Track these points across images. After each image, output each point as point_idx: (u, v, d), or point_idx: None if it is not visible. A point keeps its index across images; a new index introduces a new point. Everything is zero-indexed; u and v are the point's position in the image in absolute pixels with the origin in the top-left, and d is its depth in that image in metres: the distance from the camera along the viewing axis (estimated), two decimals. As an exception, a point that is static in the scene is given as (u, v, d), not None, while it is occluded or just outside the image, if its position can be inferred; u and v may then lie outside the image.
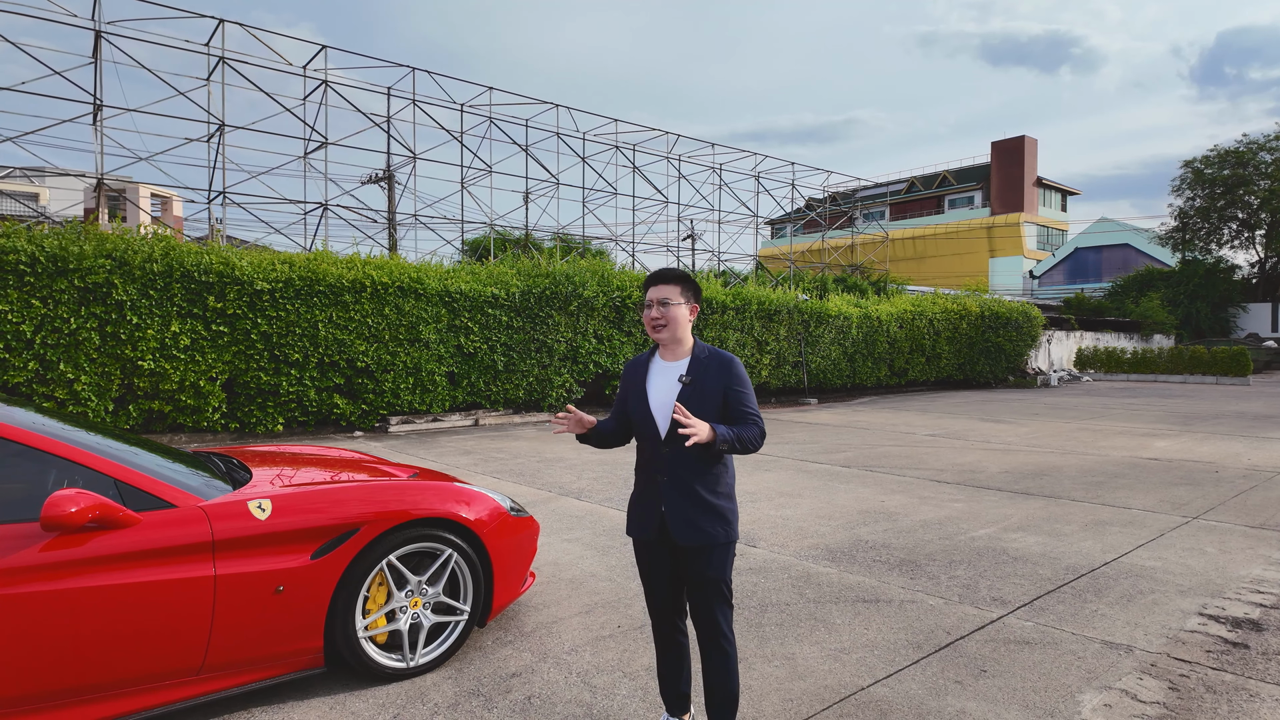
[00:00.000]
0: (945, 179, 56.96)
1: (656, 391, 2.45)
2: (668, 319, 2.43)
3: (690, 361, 2.45)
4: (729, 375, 2.41)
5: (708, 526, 2.37)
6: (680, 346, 2.48)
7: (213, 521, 2.62)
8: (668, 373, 2.47)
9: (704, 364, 2.43)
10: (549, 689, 3.00)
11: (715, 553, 2.39)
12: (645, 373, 2.51)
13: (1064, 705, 2.87)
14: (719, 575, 2.40)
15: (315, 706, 2.83)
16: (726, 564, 2.42)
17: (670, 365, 2.48)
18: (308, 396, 10.34)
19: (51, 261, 8.44)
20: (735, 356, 2.47)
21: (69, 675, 2.36)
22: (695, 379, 2.41)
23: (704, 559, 2.38)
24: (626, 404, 2.54)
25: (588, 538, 5.30)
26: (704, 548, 2.37)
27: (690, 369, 2.43)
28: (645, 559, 2.50)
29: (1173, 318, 34.61)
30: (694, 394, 2.39)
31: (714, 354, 2.46)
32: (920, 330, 19.90)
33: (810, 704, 2.89)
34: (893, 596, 4.11)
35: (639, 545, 2.52)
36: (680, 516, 2.37)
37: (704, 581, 2.39)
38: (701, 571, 2.38)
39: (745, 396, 2.42)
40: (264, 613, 2.68)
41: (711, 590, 2.39)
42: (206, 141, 19.22)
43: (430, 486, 3.28)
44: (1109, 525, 5.69)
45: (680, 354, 2.48)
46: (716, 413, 2.39)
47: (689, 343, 2.50)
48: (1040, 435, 11.09)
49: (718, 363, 2.43)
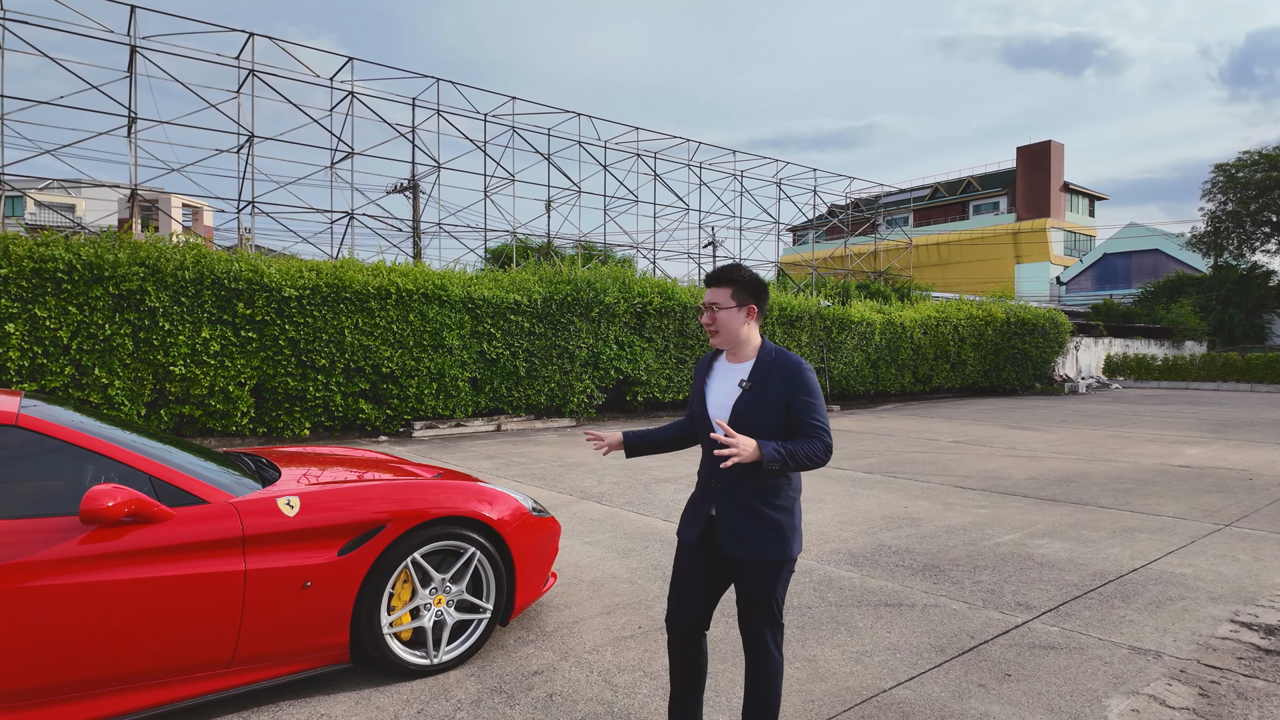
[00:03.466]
0: (970, 184, 56.42)
1: (715, 394, 2.36)
2: (718, 324, 2.32)
3: (754, 365, 2.32)
4: (794, 383, 2.25)
5: (757, 539, 2.22)
6: (744, 349, 2.35)
7: (243, 517, 2.68)
8: (729, 375, 2.36)
9: (768, 368, 2.29)
10: (570, 687, 3.02)
11: (764, 569, 2.24)
12: (708, 373, 2.43)
13: (1090, 710, 2.83)
14: (767, 591, 2.25)
15: (341, 701, 2.88)
16: (777, 582, 2.26)
17: (733, 368, 2.37)
18: (334, 401, 10.50)
19: (88, 269, 8.67)
20: (805, 362, 2.29)
21: (106, 665, 2.43)
22: (756, 384, 2.28)
23: (752, 573, 2.25)
24: (692, 405, 2.46)
25: (609, 540, 5.33)
26: (752, 562, 2.24)
27: (752, 373, 2.30)
28: (683, 564, 2.38)
29: (1205, 324, 33.87)
30: (753, 400, 2.26)
31: (781, 358, 2.30)
32: (945, 336, 19.71)
33: (832, 705, 2.88)
34: (915, 601, 4.08)
35: (681, 549, 2.42)
36: (729, 525, 2.25)
37: (751, 596, 2.26)
38: (748, 585, 2.26)
39: (811, 407, 2.24)
40: (292, 607, 2.74)
41: (760, 607, 2.26)
42: (236, 152, 19.65)
43: (454, 485, 3.32)
44: (1138, 532, 5.59)
45: (744, 356, 2.35)
46: (777, 422, 2.25)
47: (754, 344, 2.35)
48: (1068, 442, 10.92)
49: (783, 368, 2.28)
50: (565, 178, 25.15)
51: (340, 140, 20.87)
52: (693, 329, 14.65)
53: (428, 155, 22.54)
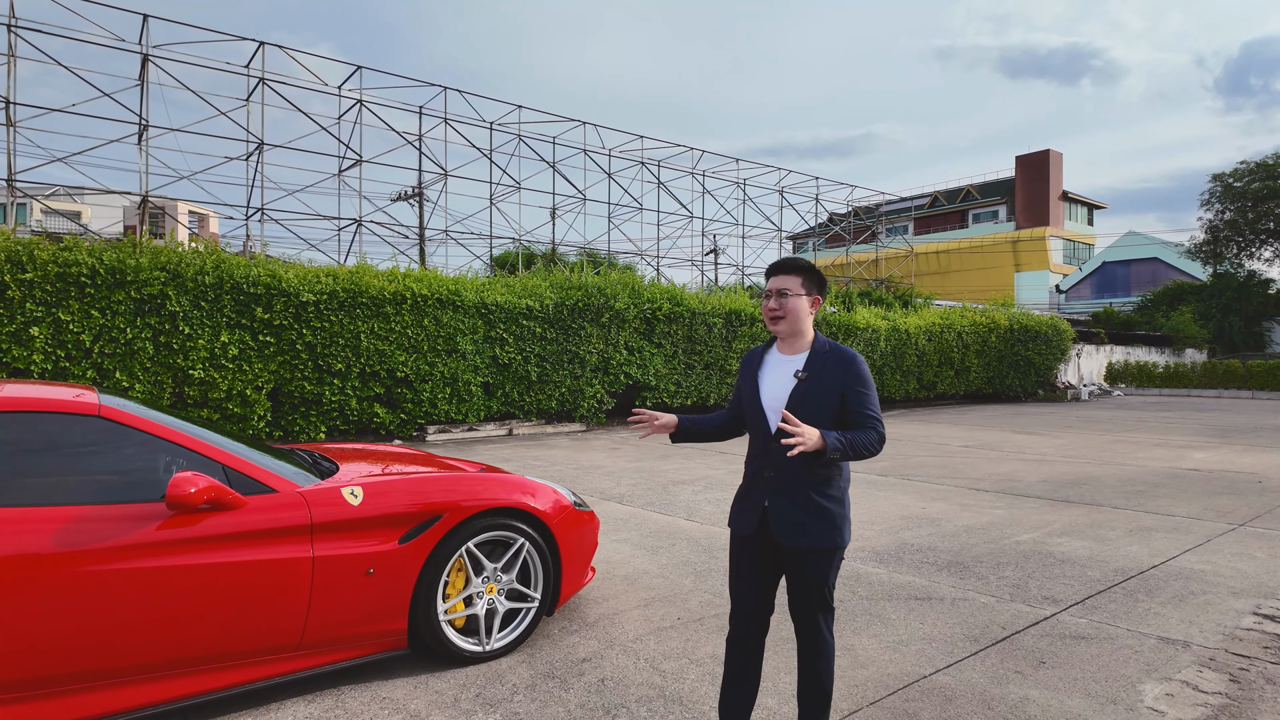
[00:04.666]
0: (969, 193, 56.75)
1: (769, 385, 2.36)
2: (785, 310, 2.34)
3: (809, 356, 2.34)
4: (850, 373, 2.28)
5: (811, 528, 2.25)
6: (799, 340, 2.38)
7: (311, 506, 2.78)
8: (783, 366, 2.37)
9: (823, 360, 2.31)
10: (620, 673, 3.11)
11: (818, 557, 2.28)
12: (759, 365, 2.43)
13: (1126, 694, 2.93)
14: (821, 580, 2.29)
15: (400, 685, 2.97)
16: (830, 570, 2.30)
17: (787, 359, 2.38)
18: (349, 405, 10.59)
19: (110, 274, 8.78)
20: (858, 354, 2.30)
21: (187, 646, 2.52)
22: (811, 375, 2.29)
23: (806, 562, 2.28)
24: (740, 396, 2.47)
25: (635, 538, 5.42)
26: (807, 550, 2.27)
27: (808, 364, 2.32)
28: (739, 554, 2.40)
29: (1205, 332, 34.09)
30: (809, 391, 2.28)
31: (834, 350, 2.33)
32: (949, 343, 19.84)
33: (875, 690, 2.97)
34: (944, 595, 4.17)
35: (735, 540, 2.43)
36: (783, 515, 2.27)
37: (805, 585, 2.30)
38: (802, 574, 2.30)
39: (866, 398, 2.28)
40: (356, 593, 2.83)
41: (813, 595, 2.30)
42: (245, 160, 19.79)
43: (502, 478, 3.42)
44: (1153, 531, 5.69)
45: (799, 348, 2.38)
46: (832, 413, 2.28)
47: (809, 336, 2.38)
48: (1075, 447, 11.03)
49: (838, 359, 2.30)
50: (570, 185, 25.31)
51: (348, 148, 21.03)
52: (701, 335, 14.77)
53: (435, 163, 22.71)
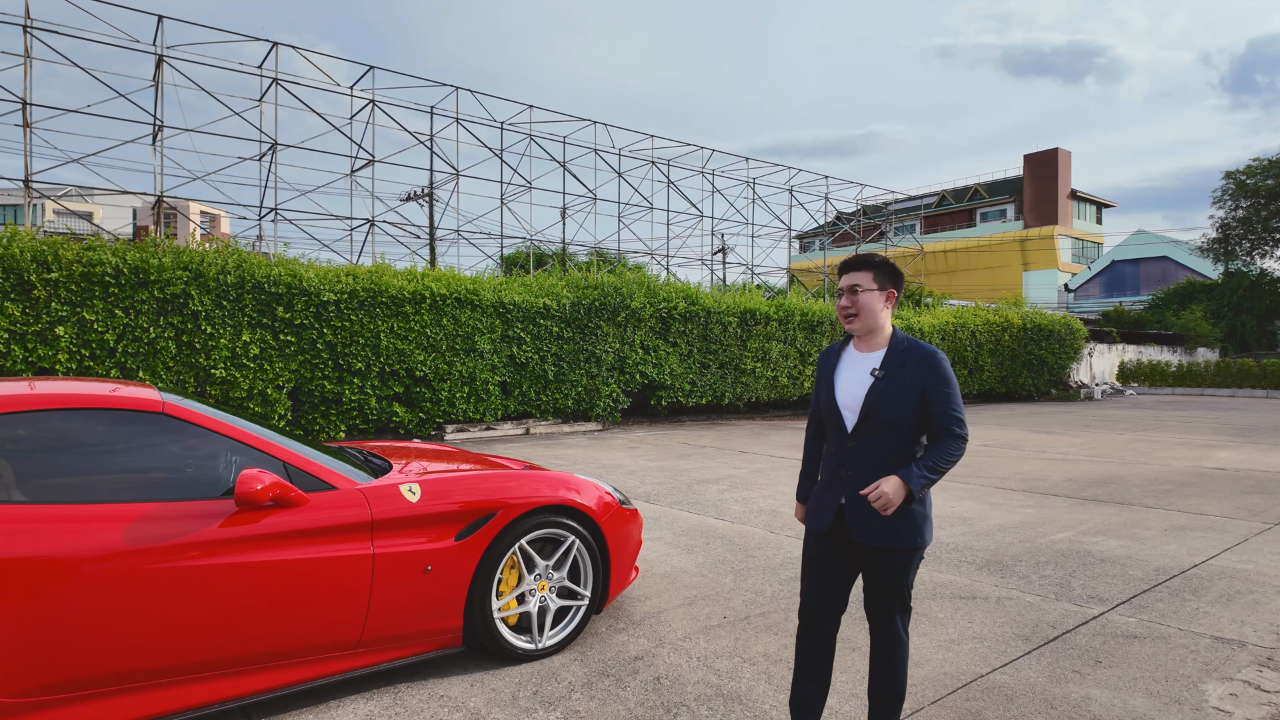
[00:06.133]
0: (977, 192, 56.56)
1: (845, 383, 2.31)
2: (858, 307, 2.28)
3: (886, 354, 2.27)
4: (931, 372, 2.21)
5: (892, 528, 2.20)
6: (876, 336, 2.31)
7: (371, 503, 2.77)
8: (860, 364, 2.31)
9: (901, 357, 2.25)
10: (674, 671, 3.10)
11: (898, 556, 2.23)
12: (836, 362, 2.39)
13: (1189, 694, 2.90)
14: (900, 579, 2.25)
15: (456, 684, 2.96)
16: (910, 569, 2.26)
17: (864, 356, 2.32)
18: (369, 405, 10.60)
19: (134, 273, 8.80)
20: (940, 351, 2.26)
21: (250, 644, 2.52)
22: (889, 373, 2.23)
23: (885, 561, 2.24)
24: (817, 396, 2.44)
25: (669, 537, 5.40)
26: (886, 550, 2.23)
27: (885, 362, 2.26)
28: (814, 551, 2.37)
29: (1217, 330, 33.90)
30: (887, 390, 2.22)
31: (914, 346, 2.27)
32: (962, 342, 19.78)
33: (934, 689, 2.95)
34: (988, 594, 4.15)
35: (810, 537, 2.39)
36: (861, 513, 2.23)
37: (884, 584, 2.26)
38: (883, 573, 2.25)
39: (950, 398, 2.20)
40: (414, 591, 2.83)
41: (893, 594, 2.26)
42: (259, 160, 19.84)
43: (549, 476, 3.41)
44: (1189, 530, 5.66)
45: (876, 345, 2.31)
46: (911, 413, 2.22)
47: (886, 332, 2.32)
48: (1096, 446, 10.98)
49: (917, 356, 2.23)
50: (581, 185, 25.33)
51: (360, 148, 21.07)
52: (716, 334, 14.74)
53: (446, 163, 22.74)
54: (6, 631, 2.14)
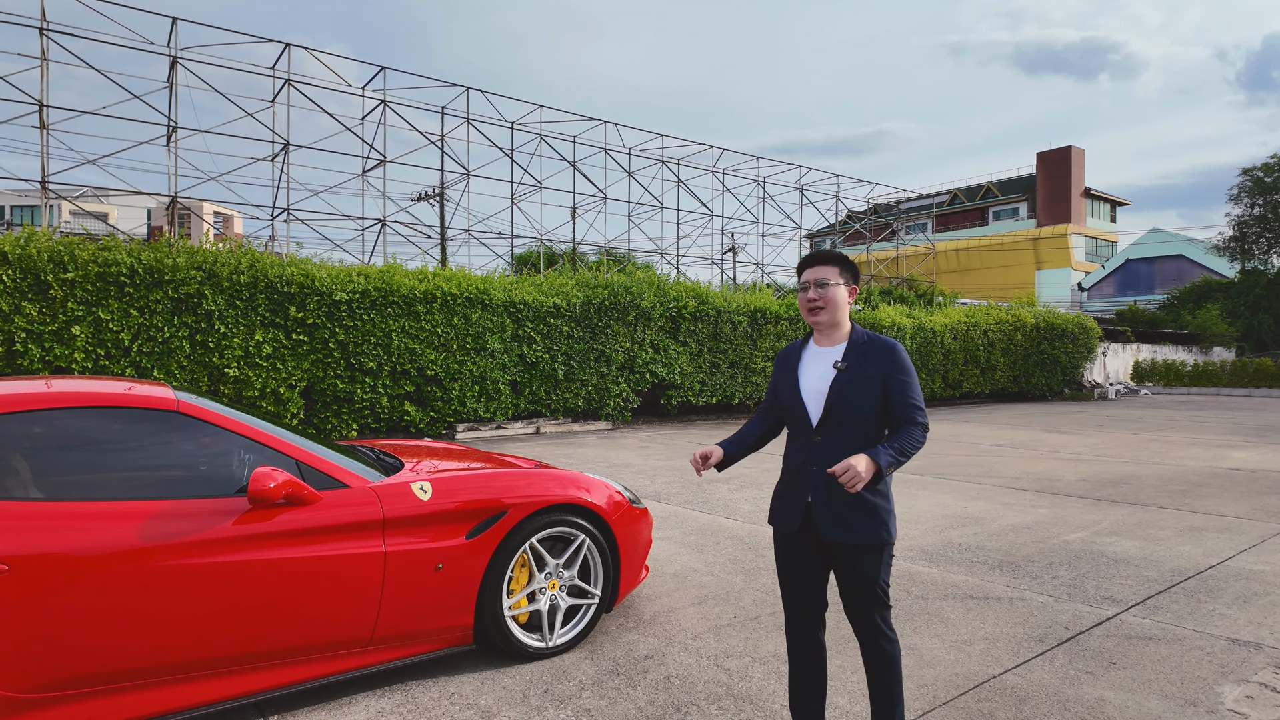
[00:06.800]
0: (989, 190, 56.18)
1: (809, 378, 2.33)
2: (825, 300, 2.32)
3: (847, 347, 2.32)
4: (891, 363, 2.26)
5: (858, 524, 2.21)
6: (838, 331, 2.36)
7: (383, 501, 2.79)
8: (822, 358, 2.34)
9: (862, 349, 2.29)
10: (684, 670, 3.10)
11: (868, 554, 2.24)
12: (798, 359, 2.41)
13: (1205, 696, 2.88)
14: (873, 576, 2.24)
15: (467, 681, 2.97)
16: (880, 564, 2.25)
17: (826, 351, 2.36)
18: (380, 404, 10.65)
19: (149, 273, 8.88)
20: (899, 343, 2.31)
21: (263, 641, 2.54)
22: (851, 365, 2.27)
23: (857, 559, 2.24)
24: (778, 392, 2.44)
25: (679, 536, 5.40)
26: (856, 547, 2.23)
27: (847, 354, 2.30)
28: (785, 553, 2.37)
29: (1233, 330, 33.52)
30: (850, 382, 2.26)
31: (874, 339, 2.32)
32: (975, 342, 19.66)
33: (946, 690, 2.94)
34: (1000, 594, 4.12)
35: (779, 538, 2.39)
36: (828, 510, 2.23)
37: (858, 583, 2.25)
38: (854, 572, 2.25)
39: (909, 387, 2.26)
40: (426, 589, 2.84)
41: (867, 593, 2.26)
42: (271, 161, 19.97)
43: (560, 474, 3.42)
44: (1204, 531, 5.60)
45: (837, 339, 2.36)
46: (874, 403, 2.26)
47: (846, 327, 2.37)
48: (1110, 446, 10.88)
49: (878, 348, 2.28)
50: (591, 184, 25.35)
51: (372, 148, 21.17)
52: (726, 334, 14.72)
53: (457, 163, 22.80)
54: (22, 627, 2.16)
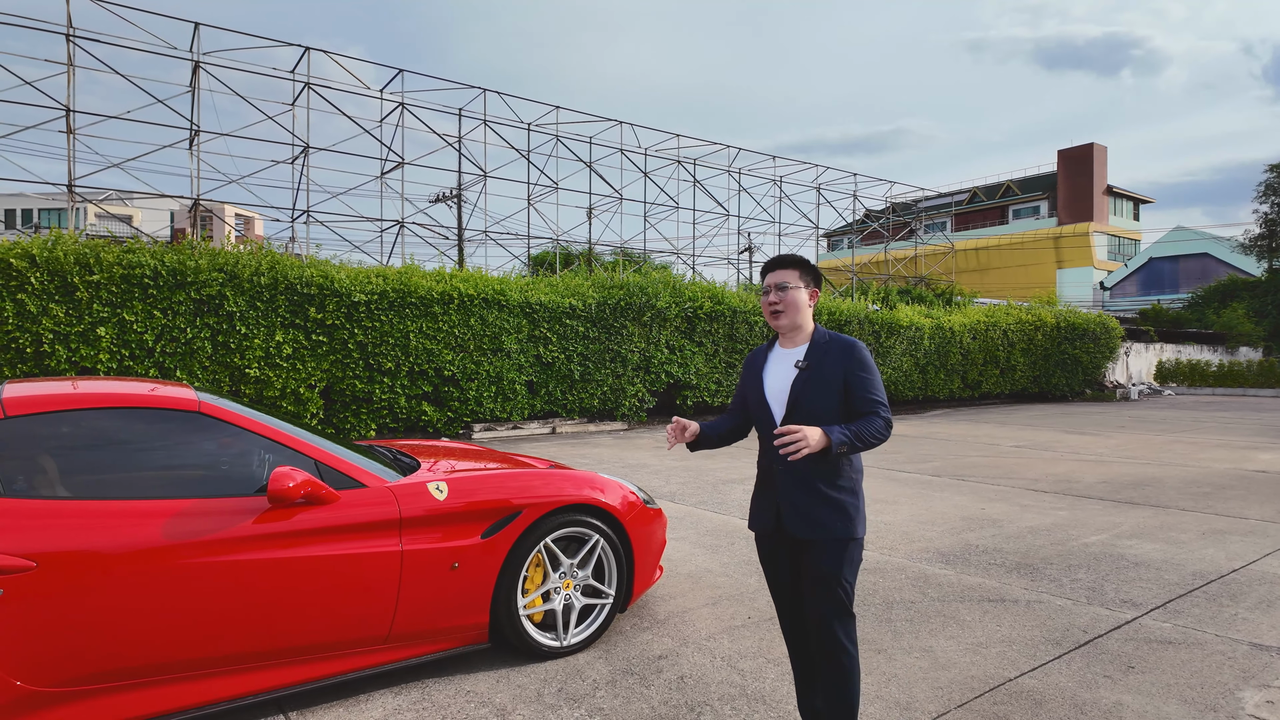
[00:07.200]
0: (1009, 189, 55.59)
1: (773, 379, 2.39)
2: (785, 303, 2.36)
3: (809, 348, 2.36)
4: (850, 359, 2.29)
5: (822, 518, 2.25)
6: (800, 333, 2.41)
7: (400, 501, 2.82)
8: (785, 359, 2.40)
9: (823, 349, 2.34)
10: (698, 670, 3.11)
11: (830, 547, 2.24)
12: (763, 361, 2.47)
13: (1225, 701, 2.84)
14: (834, 571, 2.23)
15: (482, 679, 3.00)
16: (843, 561, 2.24)
17: (789, 352, 2.41)
18: (398, 404, 10.75)
19: (172, 275, 9.03)
20: (859, 340, 2.35)
21: (282, 638, 2.58)
22: (813, 364, 2.32)
23: (819, 553, 2.25)
24: (745, 394, 2.49)
25: (693, 537, 5.41)
26: (819, 542, 2.25)
27: (808, 354, 2.34)
28: (766, 556, 2.44)
29: (1260, 329, 32.89)
30: (811, 380, 2.30)
31: (835, 339, 2.36)
32: (994, 341, 19.47)
33: (961, 692, 2.92)
34: (1017, 597, 4.09)
35: (759, 541, 2.46)
36: (794, 506, 2.28)
37: (819, 578, 2.24)
38: (816, 566, 2.25)
39: (869, 383, 2.28)
40: (442, 587, 2.87)
41: (826, 591, 2.23)
42: (291, 163, 20.21)
43: (574, 475, 3.44)
44: (1228, 534, 5.52)
45: (800, 341, 2.40)
46: (837, 401, 2.29)
47: (809, 329, 2.41)
48: (1132, 447, 10.74)
49: (839, 347, 2.32)
50: (607, 185, 25.40)
51: (390, 150, 21.35)
52: (742, 334, 14.69)
53: (474, 164, 22.95)
54: (50, 622, 2.22)
